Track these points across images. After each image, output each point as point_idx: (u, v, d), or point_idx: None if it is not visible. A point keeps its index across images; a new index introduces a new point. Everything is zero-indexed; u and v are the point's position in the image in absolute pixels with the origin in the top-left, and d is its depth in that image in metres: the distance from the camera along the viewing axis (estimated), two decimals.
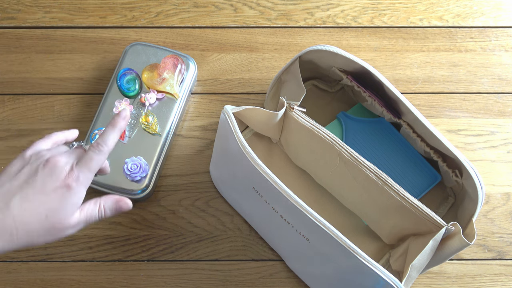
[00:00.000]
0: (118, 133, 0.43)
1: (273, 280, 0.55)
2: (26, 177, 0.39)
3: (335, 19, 0.66)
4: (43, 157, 0.41)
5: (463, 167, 0.48)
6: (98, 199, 0.43)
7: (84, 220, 0.41)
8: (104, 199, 0.43)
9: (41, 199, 0.38)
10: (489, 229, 0.57)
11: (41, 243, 0.39)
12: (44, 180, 0.39)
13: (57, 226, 0.39)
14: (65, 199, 0.39)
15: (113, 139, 0.42)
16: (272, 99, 0.58)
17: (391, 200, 0.47)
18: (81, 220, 0.41)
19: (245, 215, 0.55)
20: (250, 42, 0.64)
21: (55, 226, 0.39)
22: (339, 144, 0.48)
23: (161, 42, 0.64)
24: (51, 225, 0.39)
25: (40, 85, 0.62)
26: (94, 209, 0.42)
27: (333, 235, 0.41)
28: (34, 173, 0.39)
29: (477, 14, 0.66)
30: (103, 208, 0.43)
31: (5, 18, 0.65)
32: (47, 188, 0.39)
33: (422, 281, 0.55)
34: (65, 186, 0.39)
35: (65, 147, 0.43)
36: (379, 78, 0.50)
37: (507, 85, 0.63)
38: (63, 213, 0.39)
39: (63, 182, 0.39)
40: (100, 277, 0.55)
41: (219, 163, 0.53)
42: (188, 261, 0.55)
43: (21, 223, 0.38)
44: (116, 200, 0.43)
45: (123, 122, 0.44)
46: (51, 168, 0.39)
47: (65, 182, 0.39)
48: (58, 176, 0.39)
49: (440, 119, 0.61)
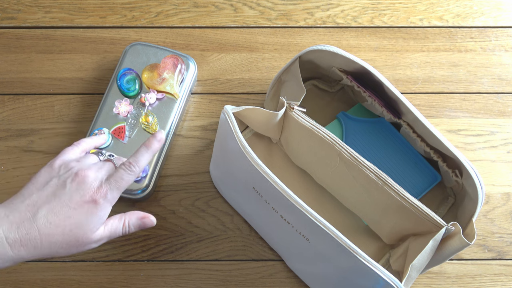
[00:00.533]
0: (151, 154, 0.44)
1: (273, 280, 0.55)
2: (53, 190, 0.39)
3: (335, 19, 0.66)
4: (72, 169, 0.41)
5: (463, 167, 0.48)
6: (122, 215, 0.43)
7: (107, 236, 0.42)
8: (129, 215, 0.44)
9: (67, 213, 0.39)
10: (489, 229, 0.57)
11: (63, 255, 0.40)
12: (72, 194, 0.39)
13: (80, 240, 0.40)
14: (91, 214, 0.39)
15: (146, 161, 0.43)
16: (272, 99, 0.58)
17: (391, 200, 0.47)
18: (104, 236, 0.42)
19: (245, 215, 0.55)
20: (250, 42, 0.64)
21: (78, 240, 0.39)
22: (339, 144, 0.48)
23: (161, 42, 0.64)
24: (75, 239, 0.39)
25: (40, 85, 0.62)
26: (119, 226, 0.43)
27: (333, 235, 0.41)
28: (62, 186, 0.40)
29: (477, 14, 0.66)
30: (127, 225, 0.43)
31: (5, 18, 0.65)
32: (74, 203, 0.39)
33: (422, 281, 0.55)
34: (92, 202, 0.39)
35: (94, 158, 0.43)
36: (379, 78, 0.50)
37: (507, 85, 0.63)
38: (87, 228, 0.40)
39: (91, 197, 0.39)
40: (100, 277, 0.55)
41: (219, 163, 0.53)
42: (188, 261, 0.55)
43: (46, 235, 0.38)
44: (140, 217, 0.44)
45: (158, 144, 0.44)
46: (80, 182, 0.40)
47: (92, 198, 0.39)
48: (86, 191, 0.39)
49: (440, 119, 0.61)
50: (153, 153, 0.44)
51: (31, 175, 0.58)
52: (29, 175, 0.58)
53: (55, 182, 0.40)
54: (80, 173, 0.40)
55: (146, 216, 0.44)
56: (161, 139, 0.45)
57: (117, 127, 0.56)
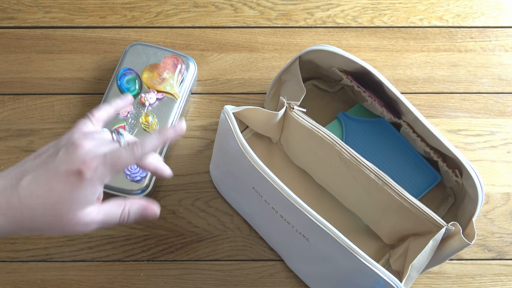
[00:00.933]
0: (162, 142, 0.38)
1: (273, 280, 0.55)
2: (45, 158, 0.36)
3: (335, 19, 0.66)
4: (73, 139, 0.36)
5: (463, 167, 0.48)
6: (122, 201, 0.38)
7: (100, 221, 0.37)
8: (130, 202, 0.39)
9: (50, 184, 0.34)
10: (489, 229, 0.57)
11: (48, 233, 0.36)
12: (60, 162, 0.35)
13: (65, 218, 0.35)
14: (76, 189, 0.35)
15: (153, 147, 0.37)
16: (272, 99, 0.58)
17: (391, 200, 0.47)
18: (96, 220, 0.37)
19: (245, 215, 0.55)
20: (250, 42, 0.64)
21: (62, 217, 0.35)
22: (339, 144, 0.48)
23: (161, 42, 0.64)
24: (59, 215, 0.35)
25: (40, 85, 0.62)
26: (117, 212, 0.38)
27: (333, 235, 0.41)
28: (55, 154, 0.36)
29: (477, 14, 0.66)
30: (127, 212, 0.38)
31: (5, 18, 0.65)
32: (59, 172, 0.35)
33: (422, 281, 0.55)
34: (77, 173, 0.34)
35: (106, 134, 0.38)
36: (379, 78, 0.50)
37: (507, 85, 0.63)
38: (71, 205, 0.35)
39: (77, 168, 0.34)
40: (100, 277, 0.55)
41: (219, 163, 0.53)
42: (188, 261, 0.55)
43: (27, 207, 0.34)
44: (143, 206, 0.39)
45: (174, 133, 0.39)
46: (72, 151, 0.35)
47: (78, 169, 0.34)
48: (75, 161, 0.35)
49: (440, 119, 0.61)
50: (165, 141, 0.38)
51: None
52: None
53: (51, 150, 0.36)
54: (77, 142, 0.36)
55: (149, 206, 0.39)
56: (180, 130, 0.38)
57: (117, 127, 0.56)
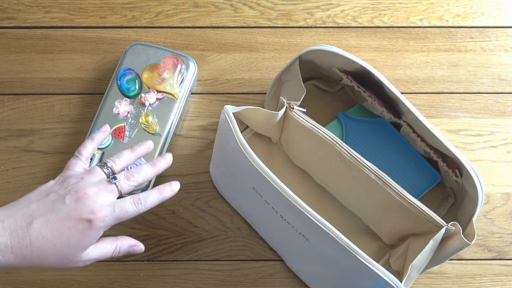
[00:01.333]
0: (160, 201, 0.43)
1: (273, 280, 0.55)
2: (52, 203, 0.39)
3: (335, 19, 0.66)
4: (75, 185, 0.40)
5: (463, 167, 0.48)
6: (115, 240, 0.43)
7: (96, 257, 0.42)
8: (120, 241, 0.44)
9: (61, 230, 0.38)
10: (489, 229, 0.57)
11: (50, 267, 0.40)
12: (69, 211, 0.39)
13: (69, 258, 0.40)
14: (84, 235, 0.39)
15: (153, 203, 0.43)
16: (272, 99, 0.58)
17: (391, 200, 0.47)
18: (93, 257, 0.41)
19: (245, 215, 0.55)
20: (250, 42, 0.64)
21: (67, 258, 0.39)
22: (339, 144, 0.48)
23: (161, 42, 0.64)
24: (64, 256, 0.39)
25: (40, 85, 0.62)
26: (110, 250, 0.43)
27: (333, 235, 0.41)
28: (62, 200, 0.39)
29: (477, 14, 0.66)
30: (118, 250, 0.43)
31: (5, 18, 0.65)
32: (69, 220, 0.39)
33: (422, 281, 0.55)
34: (87, 222, 0.39)
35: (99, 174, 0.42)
36: (379, 78, 0.50)
37: (507, 85, 0.63)
38: (77, 248, 0.39)
39: (87, 217, 0.39)
40: (100, 277, 0.55)
41: (219, 163, 0.53)
42: (188, 261, 0.55)
43: (37, 247, 0.38)
44: (132, 244, 0.44)
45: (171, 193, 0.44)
46: (78, 199, 0.39)
47: (88, 218, 0.39)
48: (84, 210, 0.39)
49: (440, 119, 0.61)
50: (163, 200, 0.44)
51: (31, 175, 0.58)
52: (28, 175, 0.58)
53: (56, 195, 0.40)
54: (81, 190, 0.40)
55: (137, 245, 0.45)
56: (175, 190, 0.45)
57: (117, 127, 0.56)
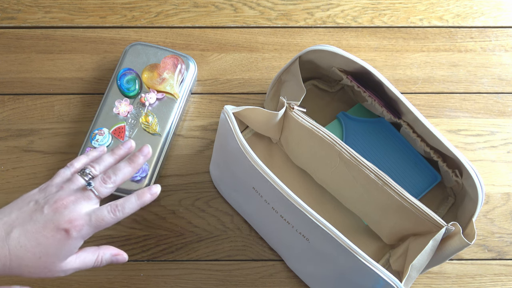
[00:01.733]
0: (140, 206, 0.43)
1: (273, 280, 0.55)
2: (31, 213, 0.39)
3: (335, 19, 0.66)
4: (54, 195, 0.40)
5: (463, 167, 0.48)
6: (97, 250, 0.43)
7: (77, 267, 0.41)
8: (103, 250, 0.43)
9: (39, 240, 0.38)
10: (489, 229, 0.57)
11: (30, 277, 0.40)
12: (47, 221, 0.39)
13: (48, 267, 0.40)
14: (62, 245, 0.39)
15: (132, 210, 0.42)
16: (272, 99, 0.58)
17: (391, 200, 0.47)
18: (74, 267, 0.41)
19: (245, 215, 0.55)
20: (250, 42, 0.64)
21: (46, 267, 0.39)
22: (339, 144, 0.48)
23: (161, 42, 0.64)
24: (44, 265, 0.39)
25: (40, 85, 0.62)
26: (92, 259, 0.42)
27: (333, 235, 0.41)
28: (40, 210, 0.39)
29: (477, 14, 0.66)
30: (100, 259, 0.43)
31: (5, 18, 0.65)
32: (47, 230, 0.39)
33: (422, 281, 0.55)
34: (65, 232, 0.39)
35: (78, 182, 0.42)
36: (379, 78, 0.50)
37: (507, 85, 0.63)
38: (56, 258, 0.39)
39: (64, 228, 0.39)
40: (100, 277, 0.55)
41: (219, 163, 0.53)
42: (188, 261, 0.55)
43: (15, 256, 0.38)
44: (114, 254, 0.44)
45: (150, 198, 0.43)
46: (56, 210, 0.39)
47: (66, 228, 0.39)
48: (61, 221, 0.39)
49: (440, 119, 0.61)
50: (142, 206, 0.43)
51: (31, 175, 0.58)
52: (28, 175, 0.58)
53: (35, 205, 0.40)
54: (59, 200, 0.40)
55: (120, 254, 0.44)
56: (155, 194, 0.43)
57: (117, 127, 0.56)
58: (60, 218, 0.39)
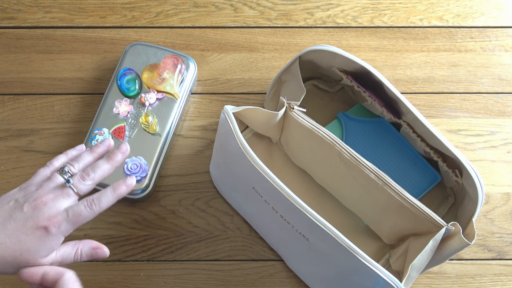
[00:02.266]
0: (116, 198, 0.43)
1: (273, 280, 0.55)
2: (11, 210, 0.40)
3: (335, 19, 0.66)
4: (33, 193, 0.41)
5: (463, 167, 0.48)
6: (76, 243, 0.43)
7: (59, 261, 0.42)
8: (82, 244, 0.43)
9: (19, 237, 0.39)
10: (489, 229, 0.57)
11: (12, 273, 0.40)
12: (27, 219, 0.39)
13: (30, 263, 0.40)
14: (42, 242, 0.39)
15: (108, 203, 0.42)
16: (272, 99, 0.58)
17: (391, 200, 0.47)
18: (55, 261, 0.41)
19: (245, 215, 0.55)
20: (250, 42, 0.64)
21: (29, 263, 0.40)
22: (339, 144, 0.48)
23: (161, 42, 0.64)
24: (25, 262, 0.39)
25: (40, 85, 0.62)
26: (71, 253, 0.42)
27: (333, 235, 0.41)
28: (20, 208, 0.40)
29: (477, 14, 0.66)
30: (79, 253, 0.43)
31: (5, 18, 0.65)
32: (27, 228, 0.39)
33: (422, 281, 0.55)
34: (44, 229, 0.39)
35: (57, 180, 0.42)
36: (379, 78, 0.50)
37: (507, 85, 0.63)
38: (37, 254, 0.40)
39: (44, 225, 0.39)
40: (100, 277, 0.55)
41: (219, 163, 0.53)
42: (188, 261, 0.55)
43: None
44: (94, 247, 0.43)
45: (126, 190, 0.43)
46: (36, 208, 0.40)
47: (45, 226, 0.39)
48: (41, 218, 0.39)
49: (440, 119, 0.61)
50: (118, 198, 0.43)
51: (31, 175, 0.58)
52: (28, 175, 0.58)
53: (15, 203, 0.40)
54: (38, 198, 0.40)
55: (100, 247, 0.44)
56: (130, 185, 0.44)
57: (117, 127, 0.56)
58: (39, 215, 0.39)
